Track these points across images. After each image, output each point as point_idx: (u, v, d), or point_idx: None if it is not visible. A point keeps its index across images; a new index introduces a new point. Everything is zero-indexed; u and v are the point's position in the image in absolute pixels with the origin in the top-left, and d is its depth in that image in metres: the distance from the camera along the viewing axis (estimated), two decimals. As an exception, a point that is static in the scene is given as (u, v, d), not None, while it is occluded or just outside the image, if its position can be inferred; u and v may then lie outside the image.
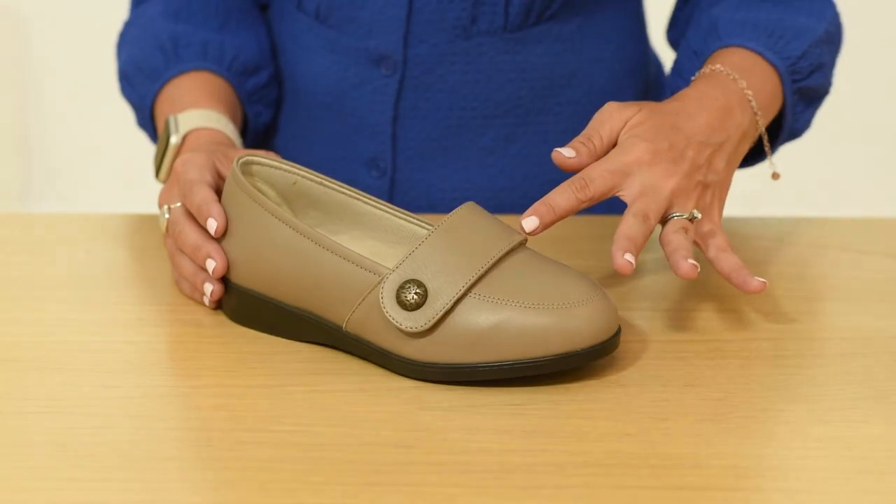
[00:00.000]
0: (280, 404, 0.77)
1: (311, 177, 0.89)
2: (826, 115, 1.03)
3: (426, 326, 0.78)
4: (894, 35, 2.61)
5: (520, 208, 1.12)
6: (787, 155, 1.01)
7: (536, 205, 0.84)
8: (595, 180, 0.86)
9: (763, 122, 0.98)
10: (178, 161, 0.94)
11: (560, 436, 0.74)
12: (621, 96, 1.16)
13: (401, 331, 0.79)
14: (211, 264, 0.88)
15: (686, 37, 1.08)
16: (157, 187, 1.02)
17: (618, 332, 0.81)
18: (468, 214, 0.82)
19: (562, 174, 1.15)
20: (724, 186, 0.93)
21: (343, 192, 0.89)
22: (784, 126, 1.03)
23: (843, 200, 2.62)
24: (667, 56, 1.25)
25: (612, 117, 0.90)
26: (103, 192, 2.75)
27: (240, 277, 0.87)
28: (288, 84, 1.18)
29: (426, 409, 0.77)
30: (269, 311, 0.86)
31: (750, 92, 0.96)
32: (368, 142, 1.14)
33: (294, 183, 0.90)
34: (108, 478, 0.69)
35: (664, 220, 0.88)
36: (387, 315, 0.79)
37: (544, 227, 0.84)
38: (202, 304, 0.91)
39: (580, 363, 0.79)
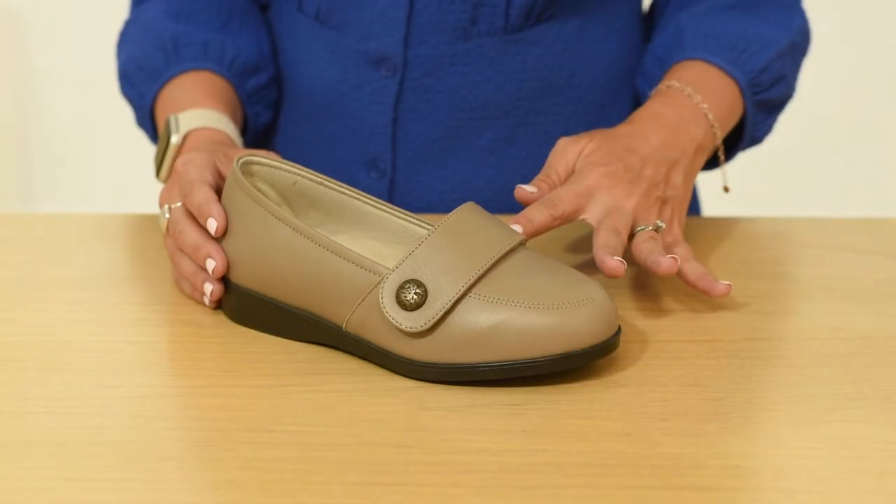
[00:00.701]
0: (280, 404, 0.77)
1: (311, 177, 0.89)
2: (826, 116, 1.04)
3: (426, 326, 0.78)
4: (894, 35, 2.61)
5: (519, 209, 1.12)
6: (787, 155, 1.01)
7: (517, 216, 0.90)
8: (563, 199, 0.91)
9: (721, 134, 1.02)
10: (179, 161, 0.94)
11: (560, 436, 0.74)
12: (620, 96, 1.16)
13: (401, 331, 0.79)
14: (211, 264, 0.88)
15: (653, 41, 1.12)
16: (157, 187, 1.02)
17: (618, 332, 0.81)
18: (468, 214, 0.82)
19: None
20: (683, 199, 0.97)
21: (343, 192, 0.89)
22: (744, 135, 1.08)
23: (843, 200, 2.62)
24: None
25: (565, 151, 0.96)
26: (103, 192, 2.75)
27: (240, 277, 0.87)
28: (288, 85, 1.18)
29: (426, 409, 0.77)
30: (269, 310, 0.86)
31: (706, 105, 1.01)
32: (368, 143, 1.14)
33: (294, 183, 0.90)
34: (108, 478, 0.69)
35: (631, 235, 0.92)
36: (386, 315, 0.79)
37: (526, 236, 0.88)
38: (202, 303, 0.91)
39: (580, 363, 0.79)
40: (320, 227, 0.89)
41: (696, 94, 1.01)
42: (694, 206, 1.26)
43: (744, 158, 1.22)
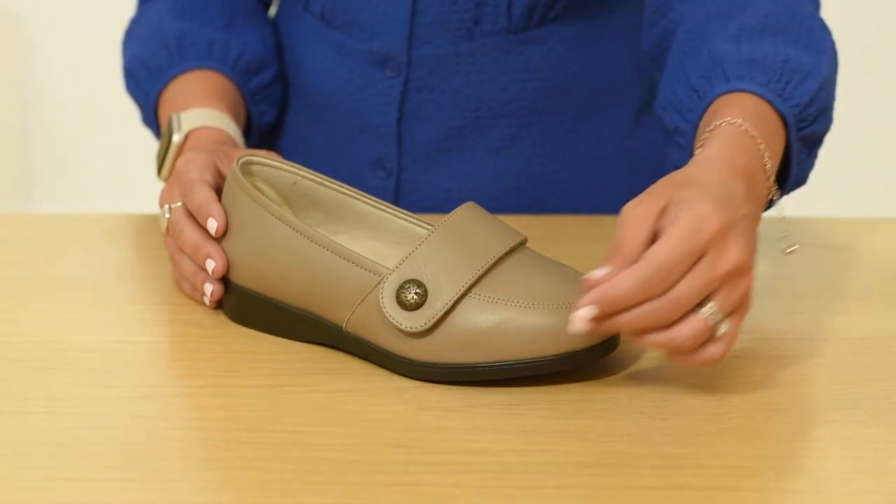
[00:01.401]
0: (280, 404, 0.77)
1: (311, 177, 0.89)
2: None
3: (426, 326, 0.78)
4: (894, 35, 2.61)
5: (525, 208, 1.12)
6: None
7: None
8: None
9: (773, 183, 0.87)
10: (180, 160, 0.94)
11: (560, 436, 0.74)
12: (626, 97, 1.16)
13: (401, 331, 0.79)
14: (211, 264, 0.88)
15: (683, 69, 0.94)
16: (157, 187, 1.02)
17: (618, 333, 0.81)
18: (468, 214, 0.82)
19: (566, 175, 1.14)
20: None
21: (343, 192, 0.89)
22: (790, 176, 0.91)
23: (843, 200, 2.62)
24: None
25: (634, 217, 0.78)
26: (103, 192, 2.75)
27: (240, 277, 0.87)
28: (295, 84, 1.18)
29: (426, 409, 0.77)
30: (269, 311, 0.86)
31: (764, 147, 0.85)
32: (374, 143, 1.14)
33: (294, 183, 0.90)
34: (108, 478, 0.69)
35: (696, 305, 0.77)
36: (387, 315, 0.79)
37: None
38: (202, 303, 0.91)
39: (580, 363, 0.79)
40: (320, 228, 0.89)
41: (758, 135, 0.85)
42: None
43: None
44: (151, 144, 1.16)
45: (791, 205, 0.93)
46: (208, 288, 0.89)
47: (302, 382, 0.80)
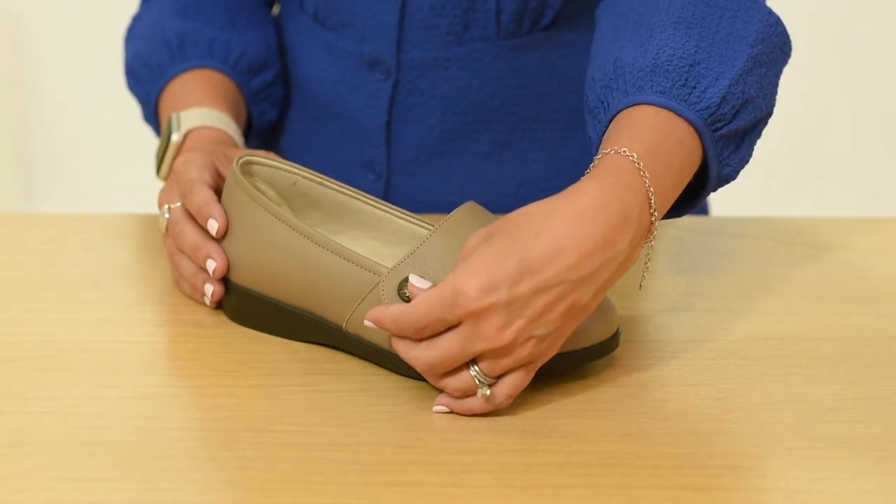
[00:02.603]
0: (280, 404, 0.77)
1: (311, 177, 0.89)
2: (826, 115, 1.01)
3: None
4: (894, 35, 2.61)
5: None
6: (787, 154, 0.97)
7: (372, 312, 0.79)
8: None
9: (657, 221, 0.80)
10: (179, 160, 0.94)
11: (560, 436, 0.74)
12: None
13: None
14: (211, 265, 0.88)
15: (593, 75, 0.89)
16: (157, 187, 1.02)
17: (617, 332, 0.81)
18: (469, 214, 0.82)
19: (558, 182, 1.13)
20: (559, 336, 0.78)
21: (343, 193, 0.89)
22: (710, 177, 0.86)
23: (843, 200, 2.62)
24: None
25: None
26: (103, 192, 2.75)
27: (240, 277, 0.87)
28: (293, 83, 1.18)
29: (426, 409, 0.77)
30: (269, 310, 0.86)
31: (651, 185, 0.79)
32: (364, 145, 1.14)
33: (294, 183, 0.90)
34: (108, 478, 0.69)
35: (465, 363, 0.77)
36: None
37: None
38: (202, 304, 0.91)
39: (580, 362, 0.79)
40: (320, 228, 0.89)
41: (642, 161, 0.79)
42: (702, 206, 1.25)
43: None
44: (151, 145, 1.16)
45: (791, 204, 0.93)
46: (209, 288, 0.89)
47: (302, 382, 0.80)
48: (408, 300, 0.78)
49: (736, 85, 0.85)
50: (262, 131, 1.17)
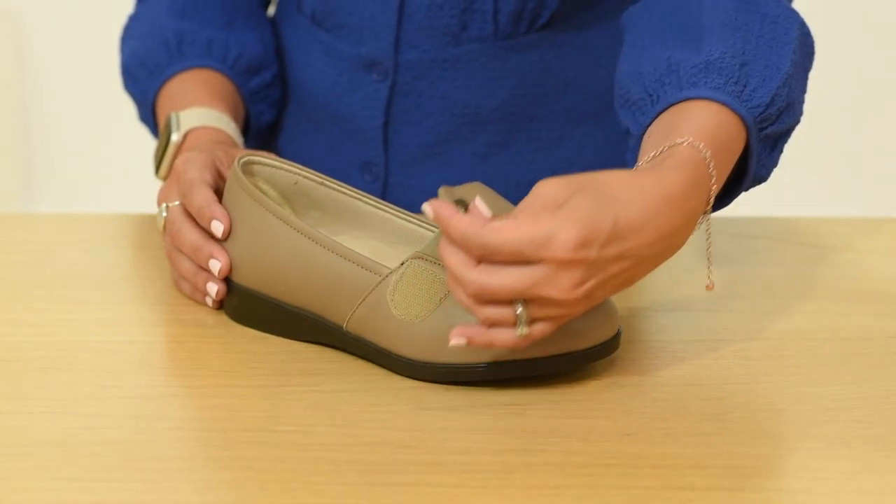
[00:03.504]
0: (280, 404, 0.77)
1: (312, 177, 0.89)
2: (826, 115, 1.01)
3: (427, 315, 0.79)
4: (894, 35, 2.61)
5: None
6: (787, 154, 0.98)
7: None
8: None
9: (709, 209, 0.84)
10: (179, 160, 0.94)
11: (560, 436, 0.74)
12: None
13: (404, 323, 0.79)
14: (215, 265, 0.88)
15: (640, 70, 0.91)
16: (157, 187, 1.02)
17: (618, 333, 0.81)
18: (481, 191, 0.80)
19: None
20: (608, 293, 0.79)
21: (344, 193, 0.89)
22: (747, 176, 0.89)
23: (843, 200, 2.62)
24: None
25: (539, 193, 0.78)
26: (103, 192, 2.75)
27: (241, 277, 0.87)
28: (290, 85, 1.18)
29: (426, 409, 0.77)
30: (270, 310, 0.86)
31: (715, 179, 0.82)
32: (361, 146, 1.14)
33: (295, 183, 0.90)
34: (108, 478, 0.69)
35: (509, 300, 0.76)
36: (392, 308, 0.79)
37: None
38: (202, 303, 0.91)
39: (581, 363, 0.79)
40: (322, 228, 0.89)
41: (711, 159, 0.82)
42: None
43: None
44: (150, 145, 1.16)
45: (791, 205, 0.94)
46: (212, 288, 0.89)
47: (302, 382, 0.80)
48: None
49: (783, 87, 0.87)
50: (259, 132, 1.17)
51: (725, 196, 0.89)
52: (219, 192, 0.91)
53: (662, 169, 0.80)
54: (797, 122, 0.91)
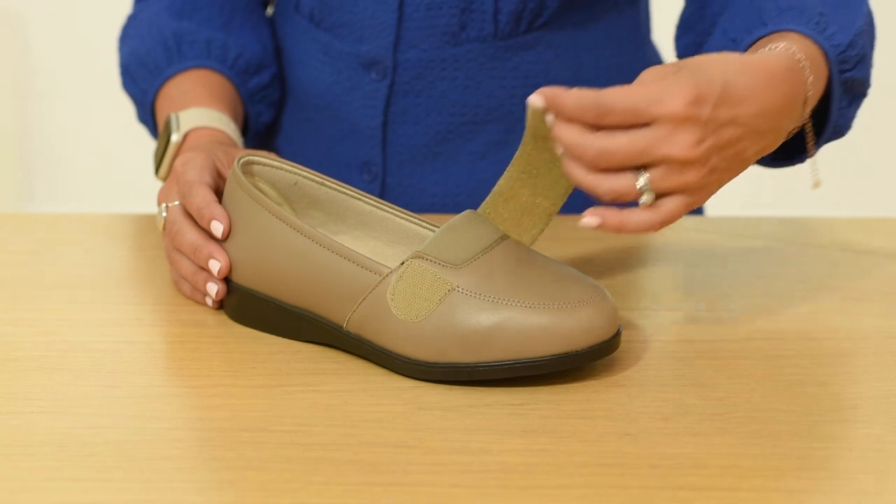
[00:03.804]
0: (280, 404, 0.77)
1: (312, 177, 0.89)
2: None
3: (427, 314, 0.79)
4: (894, 35, 2.61)
5: None
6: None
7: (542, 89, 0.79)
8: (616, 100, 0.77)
9: (806, 115, 0.88)
10: (179, 160, 0.94)
11: (560, 436, 0.74)
12: None
13: (403, 322, 0.79)
14: (215, 265, 0.88)
15: (720, 25, 0.98)
16: (157, 187, 1.02)
17: (618, 333, 0.81)
18: (471, 216, 0.83)
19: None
20: (726, 175, 0.82)
21: (344, 193, 0.89)
22: (829, 122, 0.93)
23: (843, 200, 2.62)
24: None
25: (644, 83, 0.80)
26: (103, 192, 2.75)
27: (240, 277, 0.87)
28: (288, 84, 1.18)
29: (426, 409, 0.77)
30: (270, 310, 0.86)
31: (812, 82, 0.86)
32: (360, 146, 1.14)
33: (295, 183, 0.90)
34: (108, 478, 0.69)
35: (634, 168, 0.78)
36: (392, 307, 0.79)
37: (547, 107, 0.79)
38: (202, 304, 0.91)
39: (580, 363, 0.79)
40: (322, 228, 0.89)
41: (807, 65, 0.85)
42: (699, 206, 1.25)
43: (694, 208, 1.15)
44: (150, 145, 1.16)
45: (792, 204, 0.95)
46: (212, 288, 0.89)
47: (302, 382, 0.80)
48: None
49: (859, 37, 0.92)
50: (257, 133, 1.17)
51: (803, 152, 0.94)
52: (218, 193, 0.91)
53: (761, 53, 0.83)
54: (868, 85, 0.95)
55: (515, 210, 0.84)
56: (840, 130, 0.95)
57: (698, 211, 1.26)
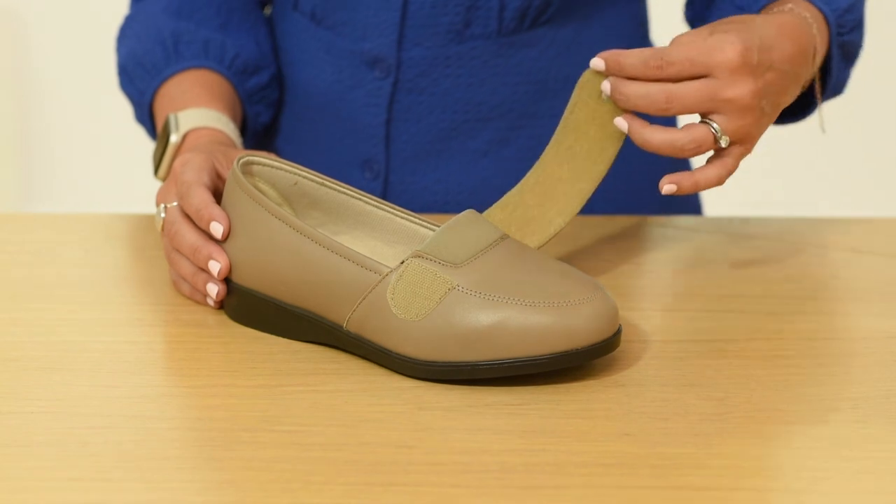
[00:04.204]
0: (280, 404, 0.77)
1: (312, 177, 0.89)
2: (826, 115, 1.02)
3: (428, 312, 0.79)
4: (894, 35, 2.61)
5: None
6: (787, 154, 1.00)
7: (603, 53, 0.88)
8: (674, 57, 0.87)
9: (816, 70, 0.97)
10: (178, 161, 0.94)
11: (560, 436, 0.74)
12: None
13: (404, 321, 0.79)
14: (215, 266, 0.88)
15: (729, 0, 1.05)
16: (156, 188, 1.02)
17: (618, 332, 0.81)
18: (471, 215, 0.83)
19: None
20: (766, 124, 0.91)
21: (344, 193, 0.89)
22: (829, 81, 1.01)
23: (843, 200, 2.62)
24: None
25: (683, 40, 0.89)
26: (103, 192, 2.75)
27: (240, 277, 0.87)
28: (287, 84, 1.18)
29: (426, 409, 0.77)
30: (270, 310, 0.86)
31: (819, 41, 0.94)
32: (362, 144, 1.14)
33: (295, 183, 0.90)
34: (108, 478, 0.69)
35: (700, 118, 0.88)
36: (392, 306, 0.79)
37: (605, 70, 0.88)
38: (202, 304, 0.91)
39: (581, 361, 0.79)
40: (322, 228, 0.89)
41: (814, 26, 0.94)
42: (695, 206, 1.25)
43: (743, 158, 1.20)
44: (150, 146, 1.16)
45: (791, 204, 0.96)
46: (212, 289, 0.89)
47: (302, 382, 0.80)
48: None
49: (858, 3, 1.01)
50: (255, 133, 1.17)
51: (811, 106, 1.02)
52: (217, 194, 0.91)
53: (770, 12, 0.93)
54: (860, 48, 1.04)
55: (549, 191, 0.90)
56: (838, 88, 1.04)
57: (698, 211, 1.26)
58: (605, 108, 0.89)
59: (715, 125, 0.87)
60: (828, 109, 1.07)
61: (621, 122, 0.88)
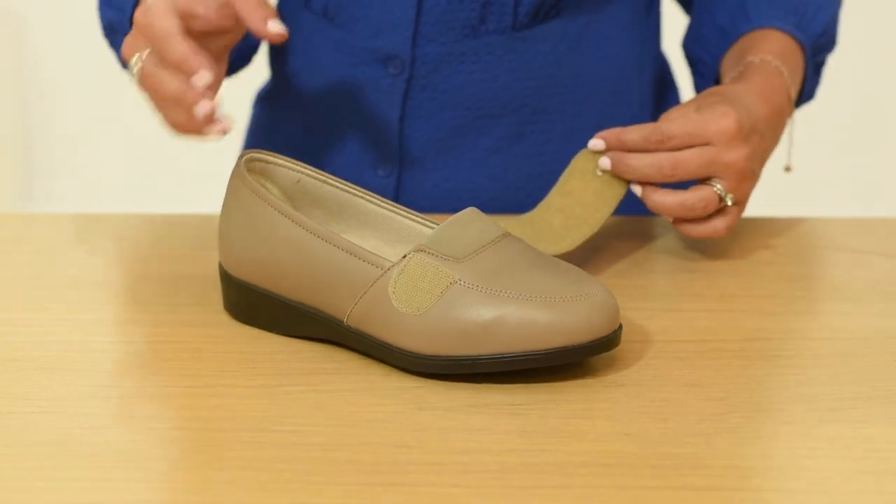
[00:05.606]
0: (280, 404, 0.77)
1: (315, 175, 0.90)
2: (826, 115, 1.04)
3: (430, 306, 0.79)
4: (894, 35, 2.61)
5: (524, 207, 1.12)
6: (787, 154, 1.01)
7: (602, 133, 0.98)
8: (672, 130, 0.96)
9: (791, 111, 1.05)
10: (138, 12, 0.89)
11: (560, 436, 0.74)
12: (629, 95, 1.16)
13: (405, 316, 0.79)
14: (205, 76, 0.84)
15: (711, 12, 1.12)
16: (157, 188, 1.02)
17: (619, 329, 0.81)
18: (473, 212, 0.83)
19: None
20: (754, 180, 0.99)
21: (347, 191, 0.89)
22: (802, 96, 1.09)
23: (843, 200, 2.62)
24: (675, 58, 1.25)
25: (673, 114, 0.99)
26: (103, 192, 2.75)
27: (242, 273, 0.87)
28: (297, 83, 1.18)
29: (426, 409, 0.77)
30: (271, 306, 0.86)
31: (792, 86, 1.03)
32: (374, 141, 1.14)
33: (297, 181, 0.90)
34: (108, 478, 0.69)
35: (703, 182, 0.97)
36: (393, 301, 0.79)
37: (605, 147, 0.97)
38: (198, 135, 0.88)
39: (581, 357, 0.79)
40: (324, 226, 0.89)
41: (786, 71, 1.03)
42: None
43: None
44: (151, 145, 1.16)
45: (791, 204, 0.98)
46: (205, 105, 0.85)
47: (302, 382, 0.80)
48: None
49: (832, 22, 1.09)
50: (259, 126, 1.16)
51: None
52: (190, 32, 0.87)
53: (744, 78, 1.01)
54: (832, 51, 1.13)
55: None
56: (810, 96, 1.12)
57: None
58: (600, 181, 0.97)
59: (718, 186, 0.96)
60: (828, 109, 1.09)
61: (636, 188, 0.97)
